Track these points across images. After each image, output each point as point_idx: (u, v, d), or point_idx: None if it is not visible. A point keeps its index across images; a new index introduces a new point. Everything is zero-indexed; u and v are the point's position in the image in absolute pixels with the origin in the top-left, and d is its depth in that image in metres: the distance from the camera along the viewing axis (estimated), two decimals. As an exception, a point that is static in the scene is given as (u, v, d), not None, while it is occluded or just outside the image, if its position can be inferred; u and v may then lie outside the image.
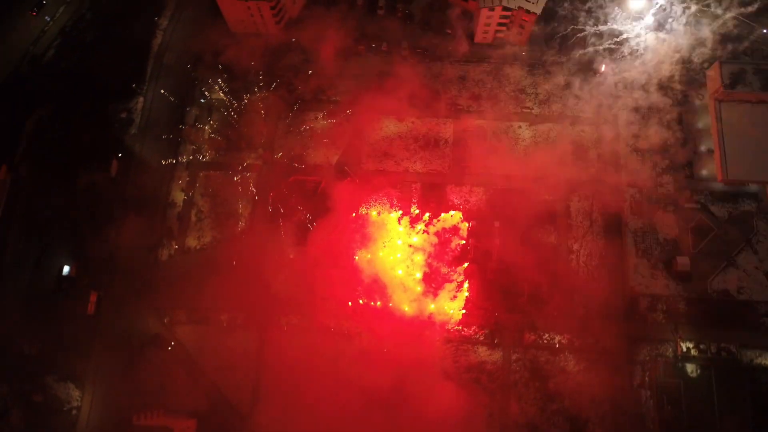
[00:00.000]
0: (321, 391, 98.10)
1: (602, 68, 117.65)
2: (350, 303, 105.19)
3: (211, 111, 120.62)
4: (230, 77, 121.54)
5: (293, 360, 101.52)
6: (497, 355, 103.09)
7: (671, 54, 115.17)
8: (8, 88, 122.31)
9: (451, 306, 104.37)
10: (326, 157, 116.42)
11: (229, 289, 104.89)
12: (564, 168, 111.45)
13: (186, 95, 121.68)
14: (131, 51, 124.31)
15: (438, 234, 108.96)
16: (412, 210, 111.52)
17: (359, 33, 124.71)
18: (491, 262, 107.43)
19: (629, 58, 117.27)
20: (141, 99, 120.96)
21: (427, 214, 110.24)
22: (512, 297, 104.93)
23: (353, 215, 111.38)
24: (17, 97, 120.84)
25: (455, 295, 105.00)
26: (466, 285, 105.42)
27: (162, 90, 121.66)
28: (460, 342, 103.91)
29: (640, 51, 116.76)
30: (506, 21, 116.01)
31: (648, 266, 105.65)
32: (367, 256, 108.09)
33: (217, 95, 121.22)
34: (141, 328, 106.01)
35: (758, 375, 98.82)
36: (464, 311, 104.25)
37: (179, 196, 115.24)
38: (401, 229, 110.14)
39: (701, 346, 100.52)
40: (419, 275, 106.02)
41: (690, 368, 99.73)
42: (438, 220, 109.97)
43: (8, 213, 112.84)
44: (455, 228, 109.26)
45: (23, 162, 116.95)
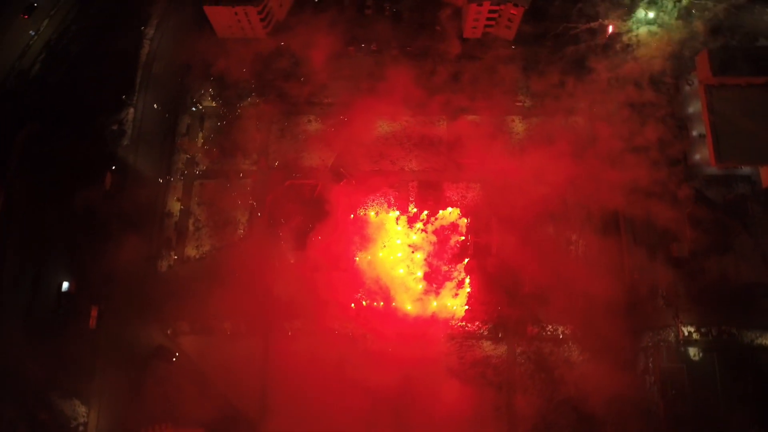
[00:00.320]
0: (328, 395, 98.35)
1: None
2: (353, 305, 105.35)
3: (203, 119, 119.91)
4: (220, 84, 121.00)
5: (299, 364, 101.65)
6: (502, 349, 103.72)
7: (663, 47, 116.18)
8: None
9: (454, 303, 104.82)
10: (321, 160, 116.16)
11: (231, 297, 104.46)
12: (559, 160, 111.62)
13: (177, 104, 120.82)
14: (119, 62, 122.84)
15: (437, 232, 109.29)
16: (410, 209, 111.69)
17: (348, 34, 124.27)
18: (491, 257, 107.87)
19: (621, 53, 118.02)
20: (131, 110, 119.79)
21: (425, 213, 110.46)
22: (514, 290, 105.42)
23: (351, 217, 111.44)
24: (5, 114, 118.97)
25: (457, 292, 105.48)
26: (468, 281, 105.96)
27: (152, 100, 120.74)
28: (465, 338, 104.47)
29: (633, 45, 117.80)
30: (494, 15, 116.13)
31: (646, 253, 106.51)
32: (368, 258, 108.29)
33: (209, 103, 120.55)
34: (144, 341, 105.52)
35: (759, 355, 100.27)
36: (467, 307, 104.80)
37: (175, 206, 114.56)
38: (400, 229, 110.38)
39: (702, 330, 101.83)
40: (420, 274, 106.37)
41: (692, 352, 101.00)
42: (436, 218, 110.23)
43: (2, 231, 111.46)
44: (454, 225, 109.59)
45: (15, 179, 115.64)
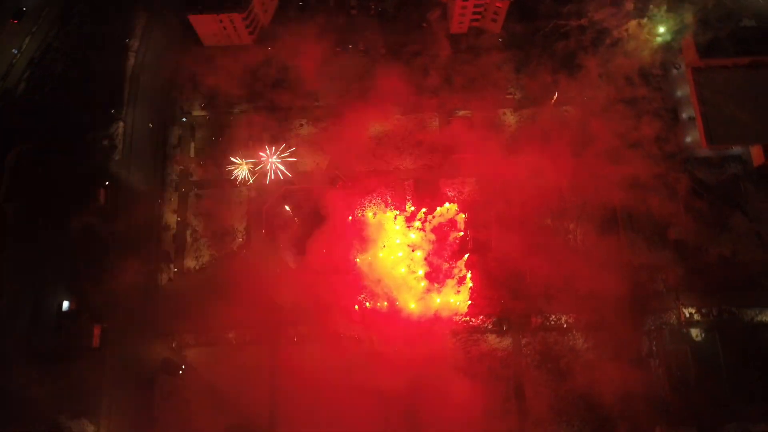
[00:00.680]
0: (338, 398, 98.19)
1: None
2: (357, 307, 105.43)
3: (194, 129, 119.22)
4: (209, 93, 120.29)
5: (306, 370, 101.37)
6: (507, 342, 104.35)
7: (652, 39, 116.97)
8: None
9: (457, 298, 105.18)
10: (316, 164, 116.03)
11: (234, 306, 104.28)
12: (552, 150, 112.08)
13: (167, 116, 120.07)
14: (105, 76, 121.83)
15: (435, 229, 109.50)
16: (408, 207, 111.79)
17: (335, 36, 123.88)
18: (491, 251, 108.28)
19: (611, 46, 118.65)
20: (121, 124, 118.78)
21: (423, 210, 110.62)
22: (515, 283, 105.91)
23: (349, 219, 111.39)
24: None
25: (459, 288, 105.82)
26: (469, 276, 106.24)
27: (142, 113, 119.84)
28: (470, 332, 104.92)
29: (622, 39, 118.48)
30: (480, 9, 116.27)
31: (643, 239, 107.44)
32: (368, 259, 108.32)
33: (198, 113, 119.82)
34: (149, 356, 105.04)
35: (761, 332, 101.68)
36: (470, 302, 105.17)
37: (172, 219, 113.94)
38: (398, 228, 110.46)
39: (703, 311, 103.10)
40: (422, 272, 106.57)
41: (695, 333, 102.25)
42: (433, 216, 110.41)
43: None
44: (452, 221, 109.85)
45: (7, 201, 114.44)
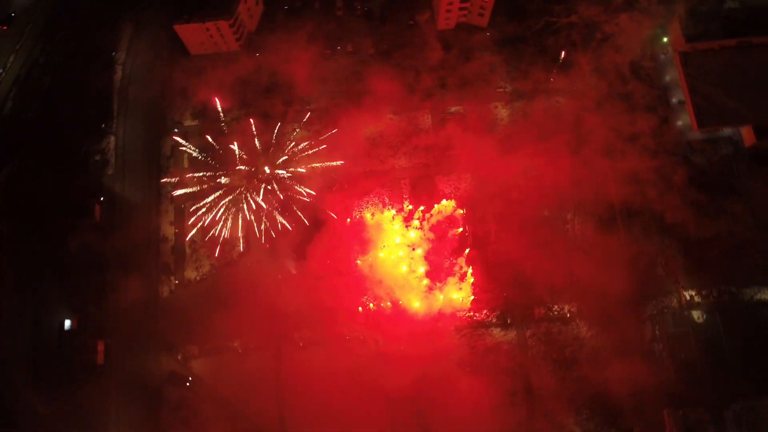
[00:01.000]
0: (346, 401, 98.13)
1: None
2: (360, 309, 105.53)
3: (187, 138, 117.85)
4: (199, 102, 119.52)
5: (313, 374, 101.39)
6: (512, 334, 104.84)
7: (642, 31, 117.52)
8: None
9: (459, 295, 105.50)
10: (311, 167, 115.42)
11: (238, 315, 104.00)
12: (545, 141, 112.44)
13: (158, 127, 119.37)
14: (93, 91, 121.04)
15: (434, 226, 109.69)
16: (405, 206, 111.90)
17: (322, 38, 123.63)
18: (491, 245, 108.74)
19: (602, 41, 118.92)
20: (112, 138, 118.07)
21: (421, 208, 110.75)
22: (517, 275, 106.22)
23: (348, 221, 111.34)
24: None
25: (461, 284, 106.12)
26: (470, 271, 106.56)
27: (132, 126, 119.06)
28: (474, 327, 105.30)
29: (613, 33, 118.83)
30: (467, 4, 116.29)
31: (641, 225, 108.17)
32: (369, 260, 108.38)
33: (190, 122, 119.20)
34: (155, 369, 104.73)
35: (760, 310, 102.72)
36: (473, 297, 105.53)
37: (169, 230, 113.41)
38: (397, 228, 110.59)
39: (703, 293, 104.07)
40: (423, 270, 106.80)
41: (696, 315, 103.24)
42: (431, 215, 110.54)
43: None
44: (451, 218, 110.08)
45: (1, 220, 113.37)
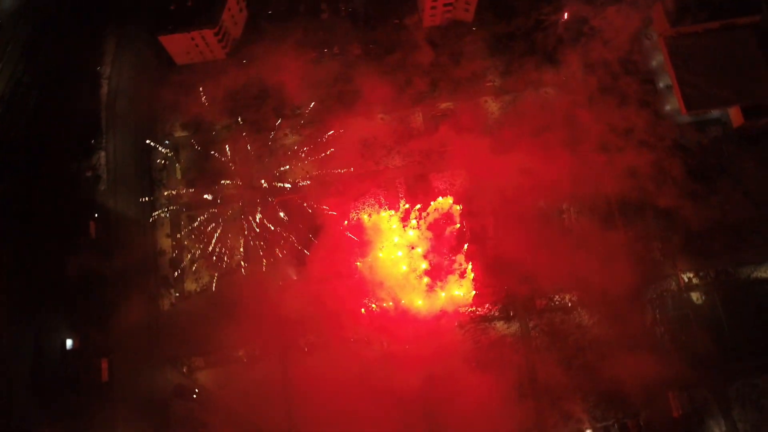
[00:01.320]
0: (354, 404, 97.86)
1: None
2: (363, 311, 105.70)
3: (178, 150, 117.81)
4: (189, 112, 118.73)
5: (320, 379, 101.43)
6: (515, 327, 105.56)
7: (630, 24, 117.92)
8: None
9: (461, 290, 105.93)
10: (305, 172, 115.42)
11: (241, 324, 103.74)
12: (537, 133, 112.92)
13: (148, 139, 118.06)
14: (80, 106, 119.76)
15: (432, 224, 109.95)
16: (401, 206, 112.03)
17: (308, 41, 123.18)
18: (489, 239, 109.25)
19: (590, 35, 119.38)
20: (102, 153, 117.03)
21: (418, 206, 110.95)
22: (517, 267, 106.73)
23: (345, 224, 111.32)
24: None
25: (461, 280, 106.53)
26: (470, 267, 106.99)
27: (122, 140, 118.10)
28: (477, 322, 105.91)
29: (600, 27, 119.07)
30: (452, 0, 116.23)
31: (635, 210, 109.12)
32: (369, 261, 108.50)
33: (180, 133, 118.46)
34: (161, 383, 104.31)
35: (758, 288, 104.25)
36: (474, 292, 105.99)
37: (166, 243, 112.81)
38: (394, 227, 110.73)
39: (701, 274, 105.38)
40: (424, 267, 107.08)
41: (695, 296, 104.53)
42: (427, 213, 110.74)
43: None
44: (448, 214, 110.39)
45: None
